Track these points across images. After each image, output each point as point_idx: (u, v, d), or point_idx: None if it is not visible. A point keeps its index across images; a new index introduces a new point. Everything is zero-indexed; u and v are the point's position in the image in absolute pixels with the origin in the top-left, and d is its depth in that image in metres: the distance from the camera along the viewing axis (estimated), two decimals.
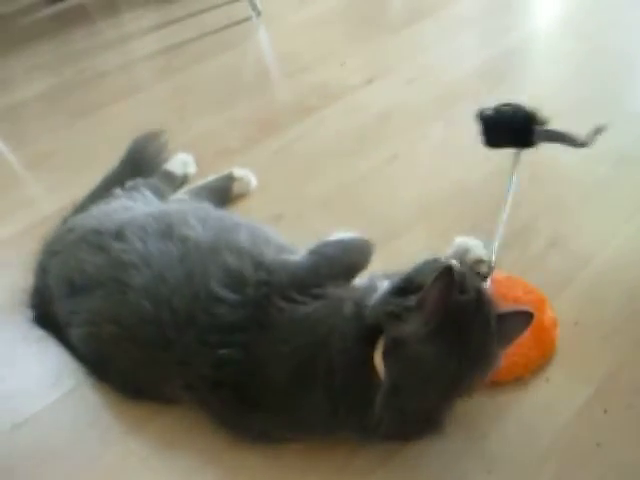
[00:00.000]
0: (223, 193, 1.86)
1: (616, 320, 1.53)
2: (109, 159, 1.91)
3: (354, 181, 1.97)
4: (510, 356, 1.30)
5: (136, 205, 1.64)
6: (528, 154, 1.63)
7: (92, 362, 1.48)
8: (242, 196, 1.92)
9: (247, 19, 2.98)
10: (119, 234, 1.47)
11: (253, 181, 1.94)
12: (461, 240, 1.55)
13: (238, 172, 1.92)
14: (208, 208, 1.62)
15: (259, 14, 2.97)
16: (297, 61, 2.63)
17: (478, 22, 2.84)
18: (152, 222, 1.49)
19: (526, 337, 1.27)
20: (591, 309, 1.56)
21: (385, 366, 1.20)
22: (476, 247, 1.54)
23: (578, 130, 1.58)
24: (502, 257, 1.59)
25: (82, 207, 1.74)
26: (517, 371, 1.42)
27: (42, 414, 1.46)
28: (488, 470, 1.28)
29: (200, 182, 1.87)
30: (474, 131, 1.62)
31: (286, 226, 1.76)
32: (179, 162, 1.94)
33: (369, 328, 1.22)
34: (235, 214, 1.69)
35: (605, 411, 1.37)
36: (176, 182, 1.89)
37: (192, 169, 1.96)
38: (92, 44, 2.99)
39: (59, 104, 2.53)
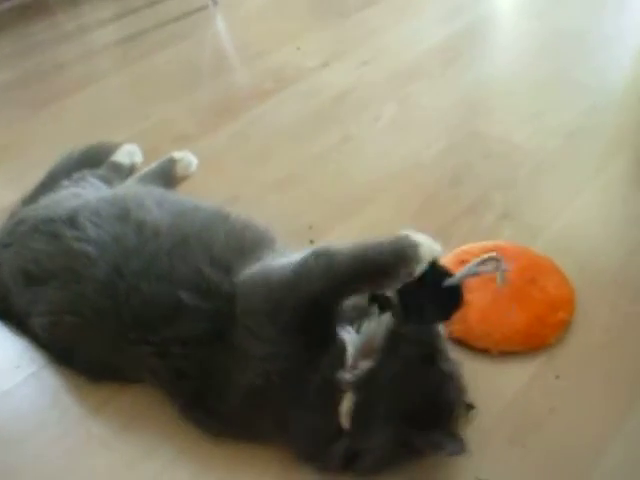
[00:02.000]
0: (167, 176, 1.88)
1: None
2: (67, 150, 1.92)
3: (308, 162, 2.00)
4: (496, 329, 1.43)
5: (86, 192, 1.63)
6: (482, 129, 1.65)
7: (55, 349, 1.48)
8: (194, 179, 1.95)
9: (204, 8, 3.00)
10: (72, 220, 1.45)
11: (194, 161, 1.96)
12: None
13: (178, 154, 1.94)
14: (163, 191, 1.63)
15: (215, 2, 2.99)
16: (253, 47, 2.66)
17: (433, 4, 2.89)
18: (106, 206, 1.48)
19: (524, 323, 1.44)
20: None
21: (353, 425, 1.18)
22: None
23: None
24: (456, 229, 1.65)
25: (30, 200, 1.73)
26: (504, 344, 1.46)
27: (3, 399, 1.47)
28: None
29: (144, 169, 1.89)
30: (426, 110, 1.65)
31: (242, 208, 1.77)
32: (125, 152, 1.94)
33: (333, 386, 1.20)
34: (188, 197, 1.70)
35: (557, 377, 1.41)
36: (123, 172, 1.89)
37: (138, 158, 1.96)
38: (51, 36, 2.99)
39: (17, 96, 2.53)
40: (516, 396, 1.38)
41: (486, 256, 1.27)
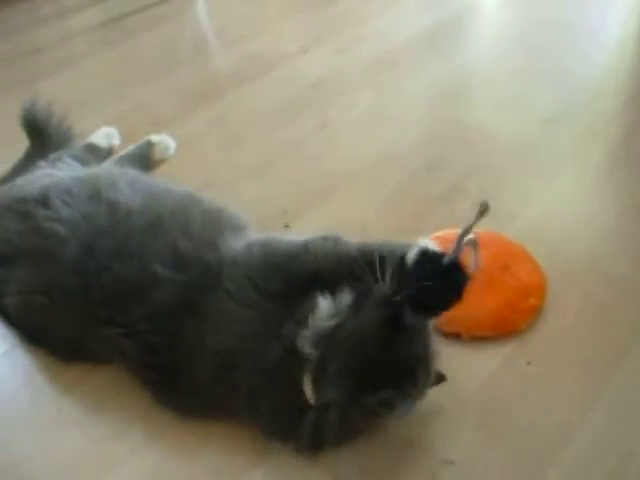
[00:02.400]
0: (144, 159, 1.87)
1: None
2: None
3: (285, 147, 2.01)
4: (471, 314, 1.43)
5: (61, 172, 1.62)
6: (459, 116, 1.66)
7: (26, 329, 1.47)
8: (171, 163, 1.94)
9: None
10: (44, 199, 1.45)
11: (172, 145, 1.95)
12: None
13: (156, 138, 1.93)
14: (137, 172, 1.62)
15: None
16: (234, 32, 2.66)
17: None
18: (78, 185, 1.47)
19: (495, 309, 1.48)
20: None
21: (315, 390, 1.19)
22: None
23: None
24: (431, 215, 1.67)
25: (8, 179, 1.72)
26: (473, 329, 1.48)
27: None
28: (411, 425, 1.32)
29: (121, 151, 1.88)
30: (403, 97, 1.65)
31: (216, 192, 1.78)
32: (103, 134, 1.94)
33: (298, 354, 1.19)
34: (162, 179, 1.70)
35: (528, 363, 1.42)
36: (101, 154, 1.88)
37: (116, 141, 1.95)
38: (29, 19, 2.97)
39: None
40: (487, 381, 1.39)
41: (465, 238, 1.29)
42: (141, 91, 2.33)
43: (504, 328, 1.48)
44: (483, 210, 1.24)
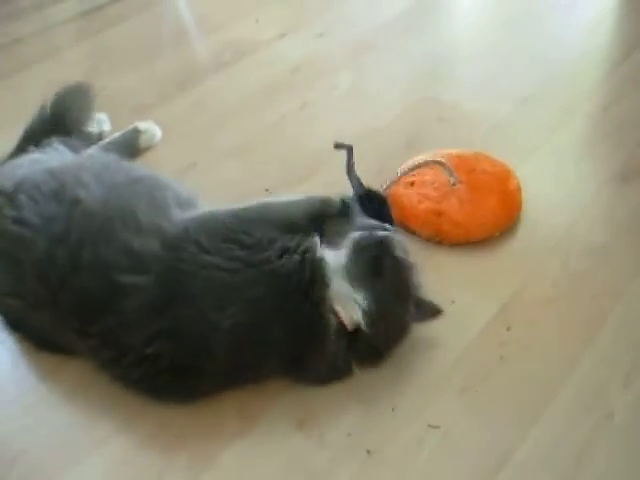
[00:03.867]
0: (130, 147, 1.87)
1: (519, 245, 1.64)
2: (24, 123, 1.88)
3: (265, 129, 2.03)
4: (479, 217, 1.63)
5: (47, 157, 1.62)
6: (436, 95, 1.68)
7: (4, 325, 1.48)
8: (154, 147, 1.95)
9: None
10: (13, 195, 1.43)
11: (158, 133, 1.96)
12: None
13: (142, 125, 1.94)
14: (110, 161, 1.59)
15: None
16: (212, 20, 2.66)
17: None
18: (48, 179, 1.45)
19: (494, 201, 1.66)
20: (494, 239, 1.66)
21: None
22: None
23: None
24: None
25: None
26: (488, 229, 1.65)
27: None
28: (395, 391, 1.36)
29: (107, 138, 1.89)
30: (382, 79, 1.66)
31: (198, 173, 1.82)
32: (94, 120, 1.94)
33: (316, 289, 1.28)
34: (139, 166, 1.72)
35: (508, 328, 1.45)
36: (92, 140, 1.87)
37: (107, 127, 1.96)
38: (7, 11, 2.94)
39: None
40: (468, 346, 1.42)
41: (431, 159, 1.65)
42: (120, 79, 2.33)
43: (509, 216, 1.68)
44: (338, 146, 1.52)
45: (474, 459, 1.24)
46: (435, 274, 1.52)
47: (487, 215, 1.65)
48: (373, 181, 1.56)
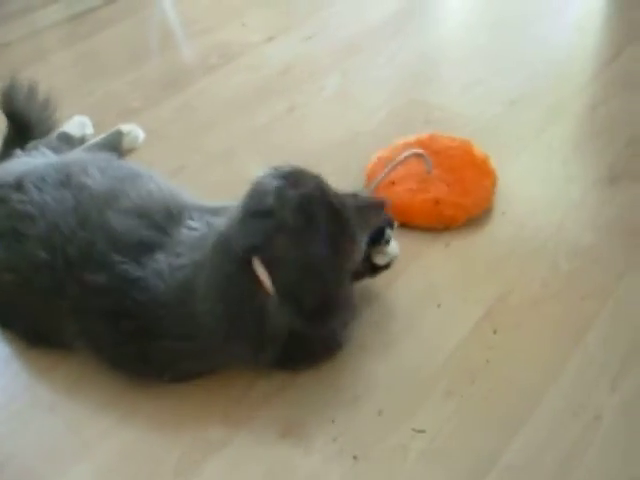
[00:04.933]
0: (114, 149, 1.85)
1: (505, 249, 1.63)
2: None
3: (253, 132, 2.02)
4: (471, 193, 1.69)
5: (36, 161, 1.64)
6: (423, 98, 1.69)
7: None
8: (141, 151, 1.95)
9: None
10: (18, 185, 1.48)
11: (141, 135, 1.96)
12: None
13: (125, 127, 1.93)
14: (110, 158, 1.64)
15: None
16: (199, 23, 2.65)
17: None
18: (52, 172, 1.50)
19: (472, 173, 1.71)
20: (480, 241, 1.66)
21: (272, 278, 1.25)
22: None
23: None
24: None
25: None
26: (481, 202, 1.71)
27: None
28: (381, 394, 1.35)
29: (90, 141, 1.88)
30: (369, 81, 1.66)
31: (187, 176, 1.81)
32: (76, 124, 1.93)
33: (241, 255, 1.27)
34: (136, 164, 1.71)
35: (495, 331, 1.45)
36: (74, 144, 1.87)
37: (89, 130, 1.95)
38: None
39: None
40: (454, 350, 1.41)
41: (410, 152, 1.68)
42: (108, 83, 2.33)
43: (492, 183, 1.74)
44: None
45: (461, 464, 1.23)
46: (420, 277, 1.53)
47: (476, 188, 1.70)
48: (361, 183, 1.55)
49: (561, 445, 1.25)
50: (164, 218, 1.40)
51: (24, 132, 1.82)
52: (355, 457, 1.24)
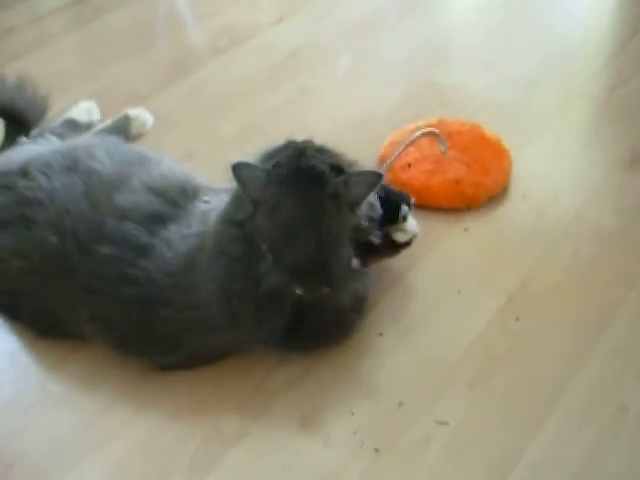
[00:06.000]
0: (121, 134, 1.82)
1: (525, 234, 1.59)
2: None
3: (264, 116, 1.98)
4: (490, 172, 1.68)
5: (41, 147, 1.61)
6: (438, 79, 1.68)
7: (3, 301, 1.47)
8: (150, 136, 1.91)
9: None
10: (24, 172, 1.47)
11: (149, 120, 1.93)
12: None
13: (133, 112, 1.91)
14: (117, 141, 1.62)
15: None
16: (207, 5, 2.60)
17: None
18: (58, 158, 1.48)
19: (488, 153, 1.71)
20: (500, 226, 1.62)
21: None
22: None
23: None
24: None
25: None
26: (501, 181, 1.69)
27: None
28: (401, 385, 1.32)
29: (98, 126, 1.85)
30: (382, 61, 1.62)
31: (197, 162, 1.77)
32: (83, 110, 1.90)
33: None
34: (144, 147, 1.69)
35: (517, 319, 1.41)
36: (81, 130, 1.84)
37: (96, 116, 1.92)
38: None
39: None
40: (475, 338, 1.38)
41: (424, 130, 1.66)
42: (115, 68, 2.29)
43: (508, 162, 1.73)
44: None
45: (485, 457, 1.20)
46: (439, 263, 1.50)
47: (494, 167, 1.69)
48: (374, 165, 1.52)
49: (587, 437, 1.21)
50: (178, 195, 1.40)
51: (20, 122, 1.78)
52: (376, 450, 1.21)
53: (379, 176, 1.26)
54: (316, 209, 1.24)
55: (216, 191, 1.42)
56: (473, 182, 1.65)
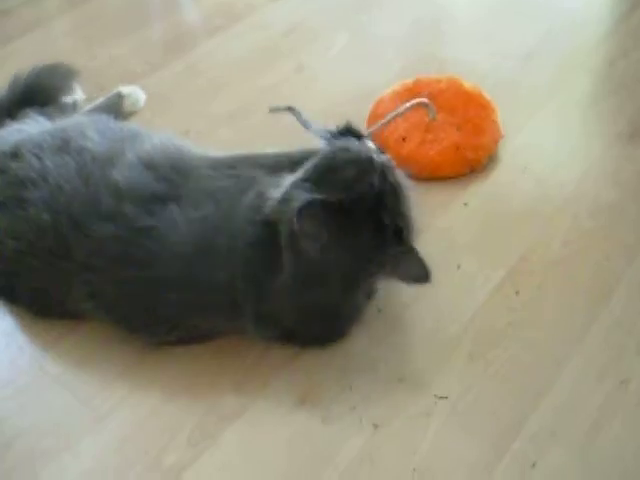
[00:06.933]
0: (114, 112, 1.81)
1: (525, 208, 1.58)
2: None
3: (260, 94, 1.96)
4: (485, 130, 1.68)
5: (29, 127, 1.60)
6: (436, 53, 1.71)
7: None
8: (145, 115, 1.90)
9: None
10: (15, 153, 1.45)
11: (142, 97, 1.92)
12: None
13: (126, 89, 1.90)
14: (107, 119, 1.60)
15: None
16: None
17: None
18: (48, 138, 1.47)
19: (475, 109, 1.70)
20: (499, 200, 1.60)
21: (285, 257, 1.21)
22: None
23: None
24: None
25: None
26: (496, 135, 1.70)
27: None
28: (401, 360, 1.32)
29: (91, 104, 1.84)
30: (379, 37, 1.60)
31: (193, 140, 1.72)
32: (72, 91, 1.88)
33: (269, 222, 1.23)
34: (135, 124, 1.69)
35: (517, 292, 1.40)
36: (66, 110, 1.82)
37: (79, 96, 1.90)
38: None
39: None
40: (475, 312, 1.37)
41: (414, 102, 1.64)
42: (110, 47, 2.27)
43: (494, 112, 1.72)
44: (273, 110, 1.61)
45: (485, 431, 1.19)
46: (438, 237, 1.49)
47: (486, 123, 1.69)
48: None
49: (587, 411, 1.21)
50: (175, 169, 1.37)
51: (26, 103, 1.76)
52: (376, 425, 1.21)
53: (427, 278, 1.23)
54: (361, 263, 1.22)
55: (215, 163, 1.40)
56: (472, 145, 1.64)
